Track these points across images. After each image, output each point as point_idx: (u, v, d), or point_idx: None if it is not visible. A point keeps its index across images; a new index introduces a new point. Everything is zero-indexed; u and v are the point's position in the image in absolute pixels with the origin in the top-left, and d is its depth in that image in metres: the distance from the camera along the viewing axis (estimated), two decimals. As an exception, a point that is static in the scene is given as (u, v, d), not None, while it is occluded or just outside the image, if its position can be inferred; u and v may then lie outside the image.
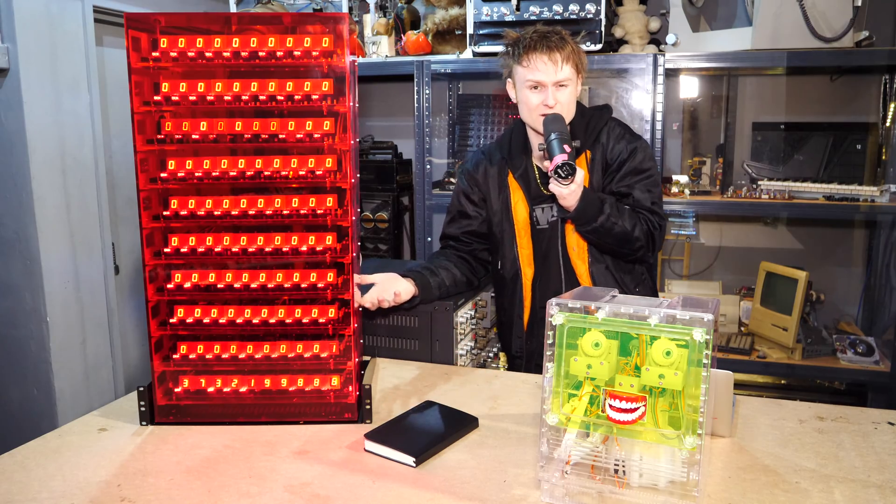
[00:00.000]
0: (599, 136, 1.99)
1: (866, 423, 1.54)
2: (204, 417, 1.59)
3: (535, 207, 2.03)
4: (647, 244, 1.93)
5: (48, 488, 1.31)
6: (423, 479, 1.34)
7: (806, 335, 2.91)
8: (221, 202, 1.59)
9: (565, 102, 1.89)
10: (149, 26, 1.53)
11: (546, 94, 1.86)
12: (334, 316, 1.61)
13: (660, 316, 1.16)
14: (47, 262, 2.68)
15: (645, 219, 1.92)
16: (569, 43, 1.87)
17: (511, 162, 2.05)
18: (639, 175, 1.96)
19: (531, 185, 2.03)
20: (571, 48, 1.87)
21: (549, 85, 1.86)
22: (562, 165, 1.72)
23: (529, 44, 1.86)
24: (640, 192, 1.95)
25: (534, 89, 1.88)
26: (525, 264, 2.05)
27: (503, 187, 2.06)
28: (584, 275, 2.00)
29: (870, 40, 2.69)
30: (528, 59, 1.86)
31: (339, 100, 1.56)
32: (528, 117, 1.93)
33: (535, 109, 1.88)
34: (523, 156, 2.05)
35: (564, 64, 1.85)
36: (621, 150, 1.97)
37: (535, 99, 1.88)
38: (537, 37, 1.86)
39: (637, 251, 1.94)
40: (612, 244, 1.93)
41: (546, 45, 1.84)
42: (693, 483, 1.16)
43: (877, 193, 2.73)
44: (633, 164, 1.96)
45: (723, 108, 3.29)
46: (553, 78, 1.85)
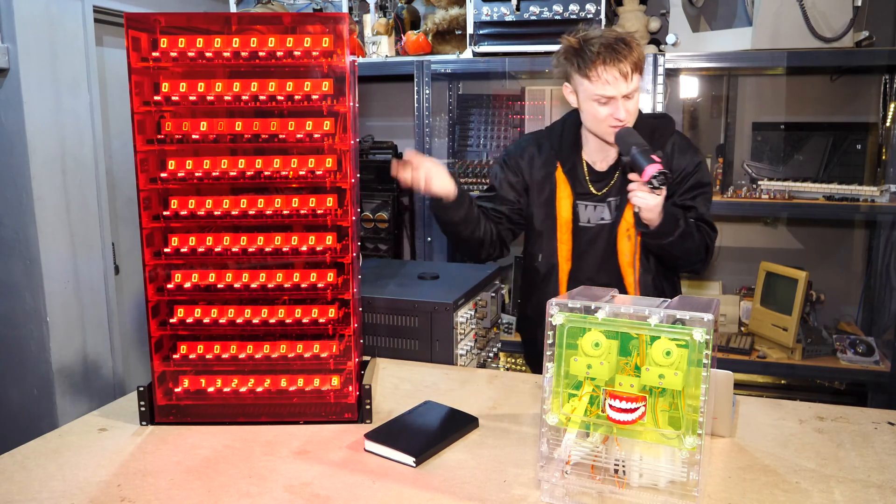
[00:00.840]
0: (664, 146, 1.96)
1: (866, 423, 1.54)
2: (204, 417, 1.59)
3: (579, 203, 2.00)
4: (705, 258, 1.95)
5: (48, 488, 1.31)
6: (423, 479, 1.34)
7: (806, 335, 2.91)
8: (221, 202, 1.59)
9: (633, 111, 1.85)
10: (149, 26, 1.53)
11: (615, 108, 1.81)
12: (334, 316, 1.61)
13: (660, 316, 1.16)
14: (47, 262, 2.68)
15: (706, 232, 1.93)
16: (635, 49, 1.79)
17: (560, 155, 2.01)
18: (701, 189, 1.96)
19: (579, 181, 2.00)
20: (638, 54, 1.80)
21: (618, 98, 1.80)
22: (657, 175, 1.70)
23: (598, 57, 1.76)
24: (702, 206, 1.95)
25: (602, 103, 1.82)
26: (563, 259, 2.02)
27: (549, 180, 2.02)
28: (631, 283, 1.96)
29: (870, 40, 2.69)
30: (596, 73, 1.77)
31: (339, 100, 1.56)
32: (595, 128, 1.89)
33: (603, 121, 1.84)
34: (574, 151, 2.01)
35: (633, 74, 1.79)
36: (687, 163, 1.95)
37: (603, 111, 1.83)
38: (605, 49, 1.76)
39: (695, 264, 1.97)
40: (678, 256, 1.92)
41: (616, 57, 1.76)
42: (693, 483, 1.16)
43: (877, 193, 2.73)
44: (698, 178, 1.96)
45: (723, 108, 3.29)
46: (623, 91, 1.79)
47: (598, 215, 2.00)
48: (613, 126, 1.84)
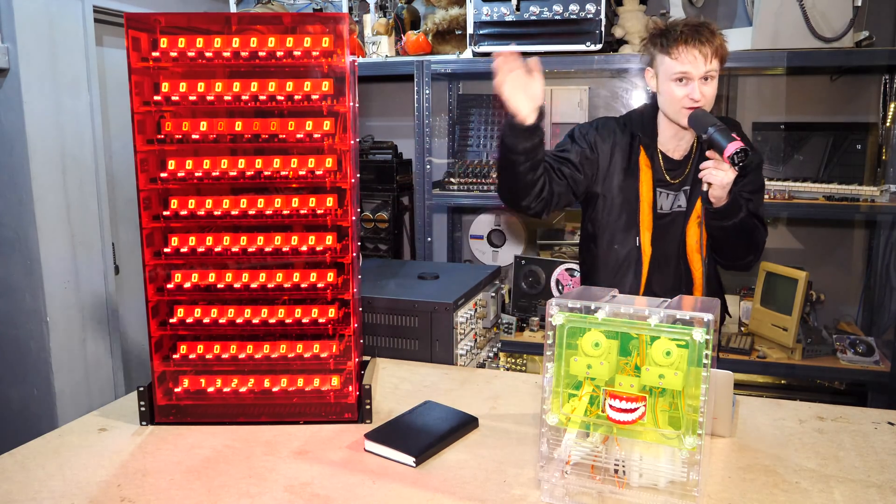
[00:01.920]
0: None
1: (866, 423, 1.54)
2: (204, 417, 1.59)
3: (657, 189, 2.04)
4: (756, 251, 2.03)
5: (48, 488, 1.31)
6: (423, 479, 1.34)
7: (806, 335, 2.91)
8: (221, 202, 1.59)
9: (709, 96, 1.90)
10: (149, 26, 1.53)
11: (692, 88, 1.87)
12: (334, 316, 1.61)
13: (660, 316, 1.16)
14: (47, 262, 2.68)
15: (757, 228, 1.99)
16: (717, 37, 1.88)
17: (643, 140, 2.04)
18: (758, 187, 2.04)
19: (656, 167, 2.03)
20: (720, 42, 1.88)
21: (696, 78, 1.87)
22: (739, 151, 1.74)
23: (681, 36, 1.86)
24: (757, 203, 2.02)
25: (679, 82, 1.88)
26: (646, 243, 2.04)
27: (632, 162, 2.04)
28: (697, 270, 2.03)
29: (870, 40, 2.69)
30: (678, 51, 1.86)
31: (339, 100, 1.56)
32: (670, 108, 1.94)
33: (678, 101, 1.89)
34: (653, 138, 2.04)
35: (713, 58, 1.86)
36: (752, 158, 1.97)
37: (679, 91, 1.89)
38: (689, 30, 1.87)
39: (746, 257, 2.03)
40: (741, 243, 1.98)
41: (698, 38, 1.85)
42: (693, 483, 1.16)
43: (877, 193, 2.73)
44: (757, 176, 2.04)
45: (723, 108, 3.29)
46: (701, 71, 1.86)
47: (674, 203, 2.04)
48: (688, 107, 1.89)
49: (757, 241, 2.00)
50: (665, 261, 2.05)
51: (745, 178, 1.98)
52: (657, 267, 2.05)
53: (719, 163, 1.80)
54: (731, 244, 1.98)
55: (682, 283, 2.04)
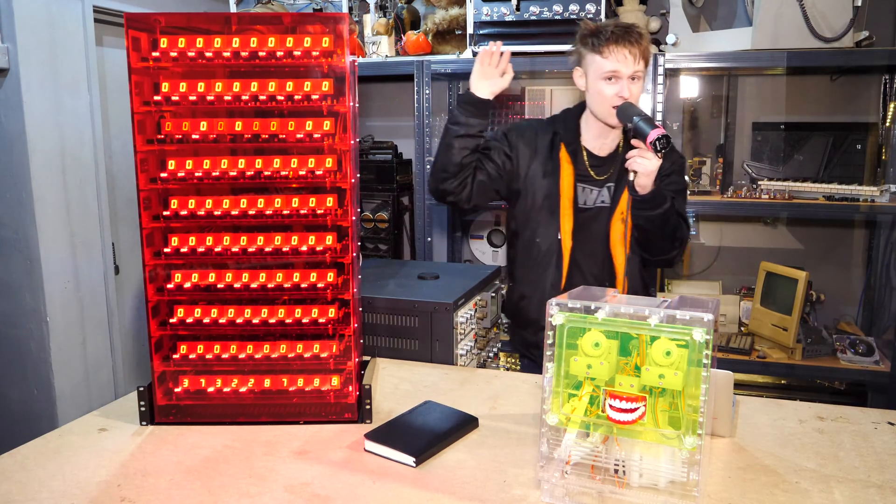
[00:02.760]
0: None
1: (866, 423, 1.54)
2: (204, 417, 1.59)
3: (579, 185, 2.09)
4: (679, 247, 2.09)
5: (48, 488, 1.31)
6: (423, 479, 1.34)
7: (806, 335, 2.91)
8: (221, 202, 1.59)
9: (636, 95, 1.98)
10: (149, 26, 1.53)
11: (621, 86, 1.94)
12: (334, 316, 1.61)
13: (660, 316, 1.16)
14: (47, 262, 2.68)
15: (682, 225, 2.06)
16: (645, 39, 1.97)
17: (564, 137, 2.11)
18: (680, 188, 2.13)
19: (578, 163, 2.10)
20: (646, 44, 1.97)
21: (625, 77, 1.94)
22: (660, 138, 1.83)
23: (612, 36, 1.93)
24: (680, 201, 2.11)
25: (609, 80, 1.95)
26: (566, 236, 2.09)
27: (552, 158, 2.11)
28: (621, 265, 2.07)
29: (870, 40, 2.69)
30: (609, 50, 1.93)
31: (339, 100, 1.56)
32: (599, 107, 2.01)
33: (608, 99, 1.96)
34: (575, 136, 2.11)
35: (640, 59, 1.95)
36: (673, 162, 2.11)
37: (609, 90, 1.95)
38: (619, 30, 1.94)
39: (671, 250, 2.09)
40: (665, 235, 2.03)
41: (628, 38, 1.93)
42: (693, 483, 1.16)
43: (877, 193, 2.73)
44: (679, 178, 2.13)
45: (723, 108, 3.30)
46: (630, 70, 1.93)
47: (597, 198, 2.10)
48: (616, 106, 1.95)
49: (680, 237, 2.07)
50: (588, 255, 2.10)
51: (667, 178, 2.07)
52: (579, 261, 2.10)
53: (643, 151, 1.88)
54: (657, 236, 2.04)
55: (606, 277, 2.09)
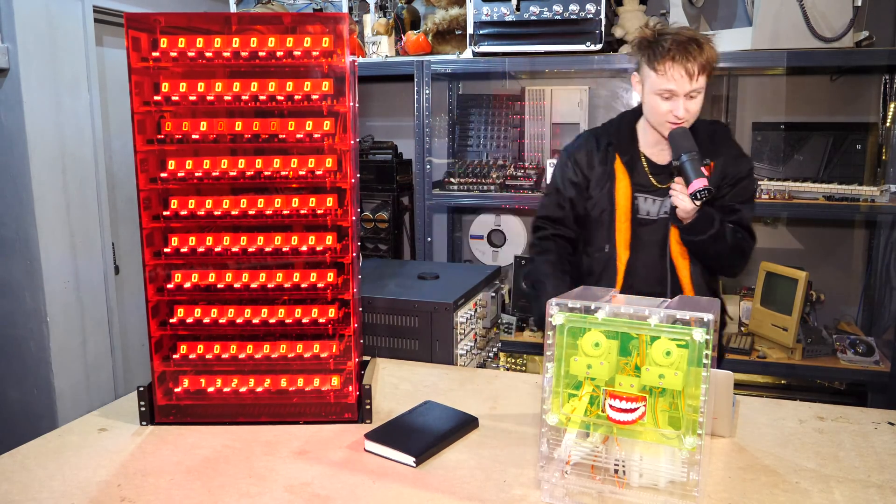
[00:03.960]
0: (722, 149, 2.00)
1: (866, 423, 1.54)
2: (204, 417, 1.59)
3: (639, 196, 2.01)
4: (738, 261, 2.00)
5: (48, 488, 1.31)
6: (423, 479, 1.34)
7: (806, 335, 2.91)
8: (221, 202, 1.59)
9: (693, 112, 1.88)
10: (149, 26, 1.53)
11: (677, 105, 1.85)
12: (334, 316, 1.61)
13: (660, 316, 1.16)
14: (47, 262, 2.68)
15: (742, 238, 1.97)
16: (706, 50, 1.83)
17: (619, 147, 2.03)
18: (749, 195, 2.02)
19: (637, 172, 2.01)
20: (707, 56, 1.83)
21: (681, 96, 1.84)
22: (702, 190, 1.78)
23: (668, 52, 1.81)
24: (747, 212, 2.00)
25: (663, 97, 1.86)
26: (621, 248, 2.02)
27: (607, 171, 2.03)
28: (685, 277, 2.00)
29: (870, 40, 2.69)
30: (664, 67, 1.82)
31: (339, 100, 1.56)
32: (654, 119, 1.93)
33: (663, 115, 1.88)
34: (632, 143, 2.03)
35: (700, 75, 1.83)
36: (741, 168, 1.99)
37: (664, 106, 1.87)
38: (676, 46, 1.81)
39: (730, 267, 2.03)
40: (708, 257, 1.97)
41: (686, 55, 1.80)
42: (693, 483, 1.16)
43: (877, 193, 2.73)
44: (748, 185, 2.01)
45: (723, 108, 3.29)
46: (686, 89, 1.83)
47: (661, 208, 2.00)
48: (671, 122, 1.87)
49: (739, 252, 1.97)
50: (647, 267, 2.02)
51: (735, 188, 1.97)
52: (637, 273, 2.02)
53: (685, 194, 1.82)
54: (708, 255, 1.97)
55: (668, 290, 2.00)
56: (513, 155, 3.40)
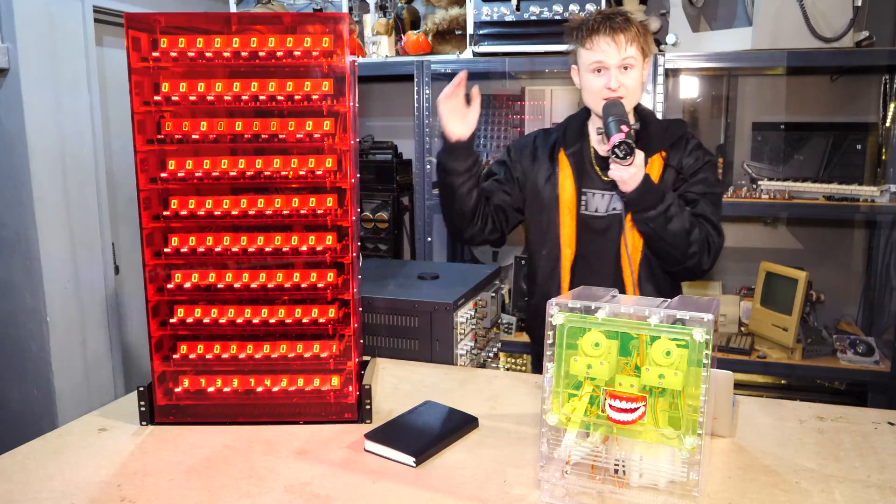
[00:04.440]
0: (678, 141, 1.96)
1: (866, 423, 1.54)
2: (204, 417, 1.59)
3: (587, 191, 1.98)
4: (700, 253, 1.86)
5: (48, 488, 1.31)
6: (423, 479, 1.34)
7: (806, 335, 2.91)
8: (221, 202, 1.59)
9: (630, 86, 1.85)
10: (149, 26, 1.53)
11: (609, 77, 1.83)
12: (334, 316, 1.61)
13: (660, 316, 1.16)
14: (47, 262, 2.68)
15: (706, 230, 1.88)
16: (633, 24, 1.84)
17: (564, 140, 2.02)
18: (708, 188, 1.94)
19: (584, 166, 1.99)
20: (636, 30, 1.83)
21: (612, 67, 1.82)
22: (619, 144, 1.71)
23: (593, 25, 1.83)
24: (707, 204, 1.91)
25: (597, 72, 1.85)
26: (565, 244, 1.98)
27: (552, 164, 2.02)
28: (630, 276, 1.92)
29: (870, 40, 2.69)
30: (592, 40, 1.83)
31: (339, 100, 1.56)
32: (592, 102, 1.91)
33: (597, 93, 1.86)
34: (578, 137, 2.01)
35: (629, 45, 1.82)
36: (698, 157, 1.94)
37: (597, 83, 1.85)
38: (601, 18, 1.83)
39: (689, 258, 1.87)
40: (667, 241, 1.84)
41: (610, 26, 1.81)
42: (693, 483, 1.16)
43: (877, 193, 2.73)
44: (707, 176, 1.94)
45: (723, 108, 3.29)
46: (616, 59, 1.82)
47: (610, 204, 1.96)
48: (606, 98, 1.84)
49: (701, 242, 1.85)
50: (597, 265, 1.97)
51: (693, 179, 1.92)
52: (586, 271, 1.97)
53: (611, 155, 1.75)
54: (661, 240, 1.85)
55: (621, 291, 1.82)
56: (513, 155, 3.40)
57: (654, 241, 1.88)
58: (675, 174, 1.94)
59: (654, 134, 1.94)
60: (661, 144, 1.95)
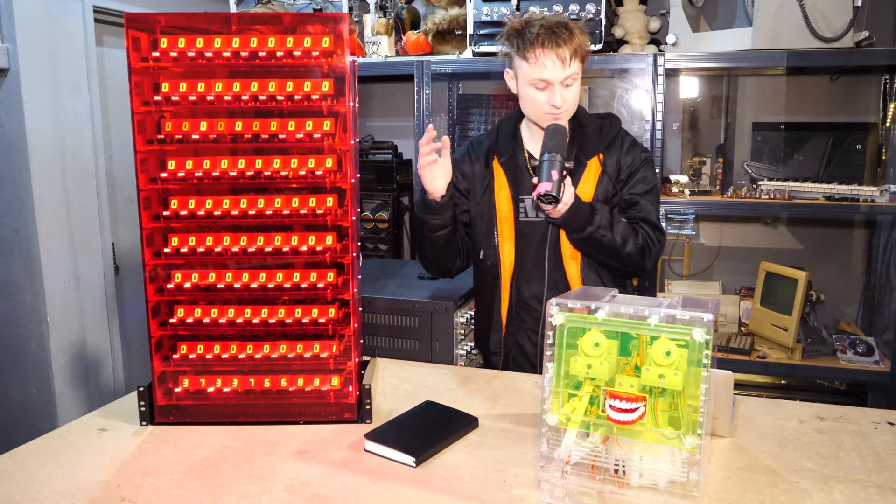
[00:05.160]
0: (613, 141, 1.94)
1: (866, 423, 1.54)
2: (204, 417, 1.59)
3: (524, 197, 1.93)
4: (640, 259, 1.87)
5: (48, 488, 1.31)
6: (423, 479, 1.34)
7: (806, 335, 2.91)
8: (221, 202, 1.59)
9: (571, 100, 1.82)
10: (149, 26, 1.53)
11: (553, 94, 1.78)
12: (334, 316, 1.61)
13: (660, 316, 1.16)
14: (47, 262, 2.68)
15: (644, 234, 1.88)
16: (576, 35, 1.77)
17: (497, 148, 1.96)
18: (648, 186, 1.93)
19: (520, 172, 1.93)
20: (578, 41, 1.77)
21: (556, 83, 1.77)
22: (543, 195, 1.68)
23: (537, 39, 1.74)
24: (648, 203, 1.92)
25: (539, 88, 1.80)
26: (505, 255, 1.95)
27: (488, 173, 1.97)
28: (575, 277, 1.92)
29: (870, 40, 2.69)
30: (535, 55, 1.75)
31: (339, 100, 1.56)
32: (532, 113, 1.87)
33: (540, 107, 1.82)
34: (511, 143, 1.96)
35: (572, 60, 1.76)
36: (635, 157, 1.92)
37: (539, 97, 1.80)
38: (544, 32, 1.74)
39: (627, 266, 1.89)
40: (600, 255, 1.88)
41: (555, 41, 1.73)
42: (693, 483, 1.16)
43: (877, 193, 2.73)
44: (645, 175, 1.93)
45: (723, 108, 3.29)
46: (560, 76, 1.77)
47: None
48: (549, 113, 1.81)
49: (638, 248, 1.85)
50: (536, 269, 1.94)
51: (632, 179, 1.91)
52: (527, 276, 1.95)
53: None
54: (595, 254, 1.88)
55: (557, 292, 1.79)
56: (513, 155, 3.40)
57: (587, 253, 1.90)
58: (612, 179, 1.91)
59: (589, 135, 1.91)
60: (598, 146, 1.92)
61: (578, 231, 1.81)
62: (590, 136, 1.91)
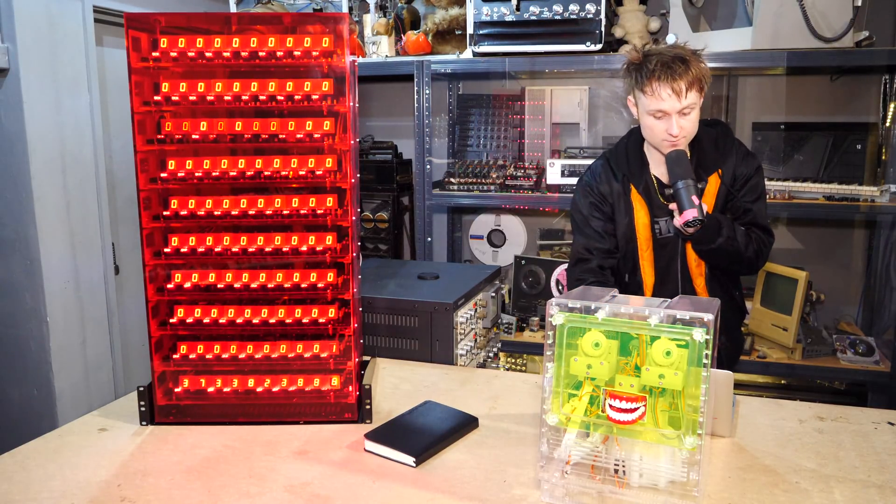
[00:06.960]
0: (728, 152, 2.02)
1: (866, 423, 1.54)
2: (204, 417, 1.59)
3: (658, 220, 2.03)
4: (755, 259, 2.01)
5: (48, 488, 1.31)
6: (423, 479, 1.34)
7: (806, 335, 2.91)
8: (221, 202, 1.59)
9: (689, 128, 1.90)
10: (149, 26, 1.53)
11: (669, 123, 1.86)
12: (334, 316, 1.61)
13: (660, 316, 1.16)
14: (47, 262, 2.68)
15: (757, 237, 2.00)
16: (692, 68, 1.84)
17: (632, 177, 2.04)
18: (759, 193, 2.04)
19: (652, 197, 2.03)
20: (694, 73, 1.84)
21: (672, 113, 1.85)
22: (692, 221, 1.81)
23: (653, 73, 1.83)
24: (759, 209, 2.03)
25: (657, 118, 1.88)
26: (646, 274, 2.06)
27: (627, 202, 2.05)
28: (701, 287, 2.04)
29: (870, 40, 2.69)
30: (651, 87, 1.84)
31: (339, 100, 1.56)
32: (652, 140, 1.96)
33: (659, 135, 1.90)
34: (642, 170, 2.04)
35: (689, 91, 1.84)
36: (749, 167, 2.02)
37: (658, 126, 1.89)
38: (661, 66, 1.83)
39: (744, 267, 2.05)
40: (724, 263, 2.01)
41: (670, 75, 1.82)
42: (693, 483, 1.16)
43: (877, 193, 2.73)
44: (757, 182, 2.03)
45: (723, 108, 3.29)
46: (676, 108, 1.84)
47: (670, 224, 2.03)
48: (668, 140, 1.89)
49: (755, 251, 1.99)
50: (671, 280, 2.05)
51: (745, 188, 2.00)
52: (661, 292, 2.05)
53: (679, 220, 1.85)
54: (721, 262, 2.01)
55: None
56: (513, 155, 3.41)
57: (710, 260, 2.02)
58: (728, 187, 2.00)
59: (707, 150, 1.99)
60: (716, 161, 2.00)
61: (709, 243, 1.93)
62: (707, 152, 1.99)
